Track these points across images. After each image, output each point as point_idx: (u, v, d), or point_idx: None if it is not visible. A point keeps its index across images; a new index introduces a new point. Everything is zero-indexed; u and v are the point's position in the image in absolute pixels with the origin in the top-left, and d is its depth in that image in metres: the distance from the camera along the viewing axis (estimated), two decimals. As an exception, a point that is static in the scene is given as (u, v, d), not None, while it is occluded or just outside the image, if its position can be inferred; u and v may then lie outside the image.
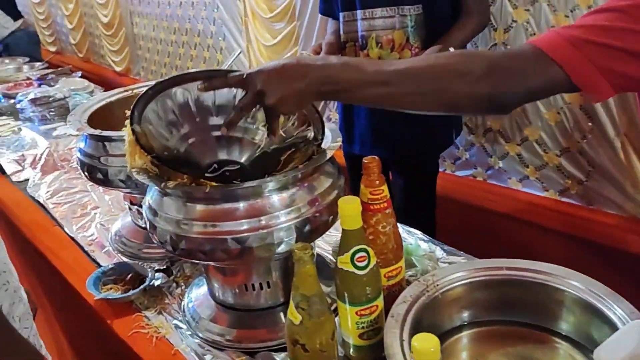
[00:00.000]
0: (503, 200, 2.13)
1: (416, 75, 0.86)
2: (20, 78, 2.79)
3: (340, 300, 0.92)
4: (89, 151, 1.28)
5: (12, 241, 1.78)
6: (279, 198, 0.95)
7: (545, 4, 1.87)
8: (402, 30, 1.65)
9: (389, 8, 1.64)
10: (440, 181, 1.95)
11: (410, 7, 1.64)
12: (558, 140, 1.98)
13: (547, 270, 0.97)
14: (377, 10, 1.66)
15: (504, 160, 2.18)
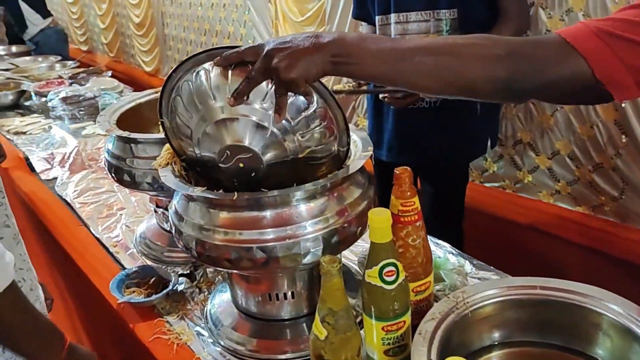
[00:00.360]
0: (533, 213, 2.08)
1: (433, 54, 0.82)
2: (52, 76, 2.83)
3: (366, 315, 0.89)
4: (117, 152, 1.27)
5: (39, 239, 1.80)
6: (307, 208, 0.93)
7: (581, 14, 1.82)
8: (436, 34, 1.63)
9: (424, 12, 1.63)
10: (468, 192, 1.91)
11: (446, 10, 1.61)
12: (591, 155, 1.92)
13: (583, 292, 0.93)
14: (411, 14, 1.64)
15: (534, 174, 2.12)
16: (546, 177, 2.09)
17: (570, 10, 1.85)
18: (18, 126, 2.35)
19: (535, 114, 2.06)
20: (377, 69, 0.82)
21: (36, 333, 0.98)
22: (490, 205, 2.18)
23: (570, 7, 1.85)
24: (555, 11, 1.87)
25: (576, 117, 1.93)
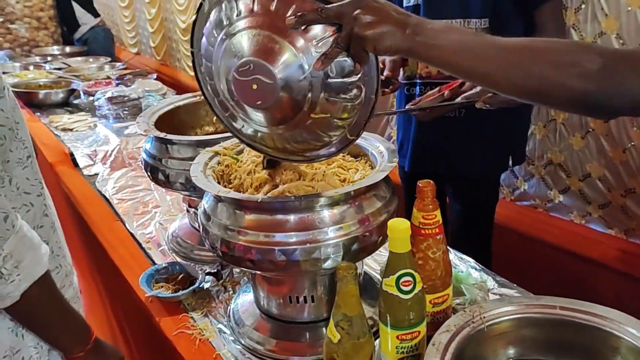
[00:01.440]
0: (563, 234, 2.05)
1: (517, 52, 0.79)
2: (101, 77, 2.95)
3: (382, 323, 0.91)
4: (153, 152, 1.33)
5: (77, 230, 1.88)
6: (330, 214, 0.95)
7: (614, 36, 1.80)
8: None
9: (454, 20, 1.60)
10: (498, 209, 1.89)
11: (477, 20, 1.57)
12: (623, 179, 1.89)
13: (603, 314, 0.92)
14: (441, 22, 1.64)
15: (565, 195, 2.10)
16: (577, 198, 2.06)
17: (603, 33, 1.83)
18: (66, 123, 2.46)
19: (566, 135, 2.04)
20: (455, 58, 0.80)
21: (64, 323, 1.02)
22: (520, 223, 2.16)
23: (603, 30, 1.82)
24: (588, 33, 1.84)
25: (608, 140, 1.90)
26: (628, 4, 1.76)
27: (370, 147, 1.13)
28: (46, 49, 4.02)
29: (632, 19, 1.76)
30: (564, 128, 2.04)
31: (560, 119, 2.05)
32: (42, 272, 0.94)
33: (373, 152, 1.12)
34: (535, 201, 2.22)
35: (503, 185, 2.30)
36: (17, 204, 0.97)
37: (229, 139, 1.20)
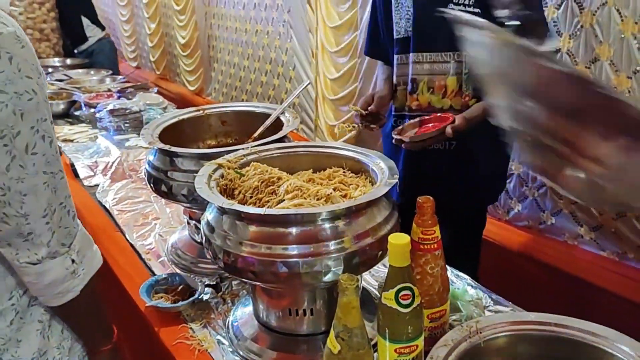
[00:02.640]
0: (556, 254, 2.08)
1: None
2: (102, 89, 2.97)
3: (380, 336, 0.93)
4: (157, 164, 1.35)
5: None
6: (331, 228, 0.97)
7: (607, 62, 1.85)
8: (456, 76, 1.58)
9: (444, 53, 1.58)
10: (492, 227, 1.92)
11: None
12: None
13: (597, 332, 0.94)
14: (432, 54, 1.59)
15: (557, 217, 2.13)
16: (569, 221, 2.09)
17: (597, 59, 1.87)
18: (67, 134, 2.48)
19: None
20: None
21: (100, 318, 1.09)
22: (513, 243, 2.19)
23: (597, 56, 1.87)
24: (581, 58, 1.88)
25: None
26: (622, 31, 1.81)
27: (370, 164, 1.16)
28: (47, 60, 4.05)
29: (626, 45, 1.81)
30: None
31: (554, 142, 2.09)
32: (99, 266, 1.01)
33: (374, 168, 1.14)
34: (528, 222, 2.25)
35: (499, 206, 2.33)
36: None
37: (233, 152, 1.22)
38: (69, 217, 0.94)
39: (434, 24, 1.50)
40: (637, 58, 1.79)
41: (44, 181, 0.87)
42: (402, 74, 1.65)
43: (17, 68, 0.81)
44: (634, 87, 1.82)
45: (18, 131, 0.82)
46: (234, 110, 1.60)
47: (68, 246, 0.94)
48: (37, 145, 0.85)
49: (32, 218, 0.88)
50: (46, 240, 0.90)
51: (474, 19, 0.85)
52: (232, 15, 4.12)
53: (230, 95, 4.38)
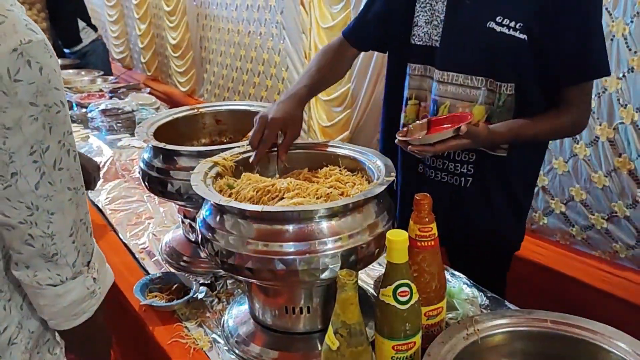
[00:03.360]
0: (548, 254, 2.10)
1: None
2: (93, 90, 2.95)
3: (378, 333, 0.93)
4: (152, 162, 1.34)
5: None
6: (328, 225, 0.97)
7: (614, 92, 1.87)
8: (485, 106, 1.30)
9: (476, 77, 1.30)
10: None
11: (503, 83, 1.27)
12: (605, 204, 1.95)
13: (593, 328, 0.95)
14: (459, 76, 1.31)
15: (549, 217, 2.15)
16: (561, 221, 2.11)
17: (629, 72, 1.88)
18: (57, 134, 2.45)
19: (553, 159, 2.09)
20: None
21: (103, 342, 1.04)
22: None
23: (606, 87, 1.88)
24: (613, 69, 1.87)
25: (592, 164, 1.96)
26: (613, 32, 1.83)
27: (367, 162, 1.16)
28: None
29: (616, 47, 1.83)
30: (548, 152, 2.10)
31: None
32: (111, 283, 0.97)
33: (370, 166, 1.14)
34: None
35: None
36: None
37: (229, 149, 1.22)
38: (87, 234, 0.89)
39: (468, 41, 1.29)
40: (627, 59, 1.80)
41: (69, 197, 0.83)
42: (418, 87, 1.40)
43: (47, 79, 0.77)
44: (624, 88, 1.84)
45: (47, 146, 0.78)
46: (229, 109, 1.59)
47: (87, 264, 0.90)
48: (64, 160, 0.81)
49: (59, 237, 0.83)
50: (72, 260, 0.86)
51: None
52: (225, 16, 4.11)
53: (223, 96, 4.37)
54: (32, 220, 0.80)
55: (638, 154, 1.83)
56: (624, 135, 1.85)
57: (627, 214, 1.90)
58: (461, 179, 1.38)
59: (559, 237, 2.14)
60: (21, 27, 0.75)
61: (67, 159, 0.82)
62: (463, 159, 1.37)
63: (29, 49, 0.74)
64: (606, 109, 1.89)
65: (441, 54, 1.33)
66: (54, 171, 0.80)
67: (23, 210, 0.79)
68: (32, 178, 0.78)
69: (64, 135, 0.81)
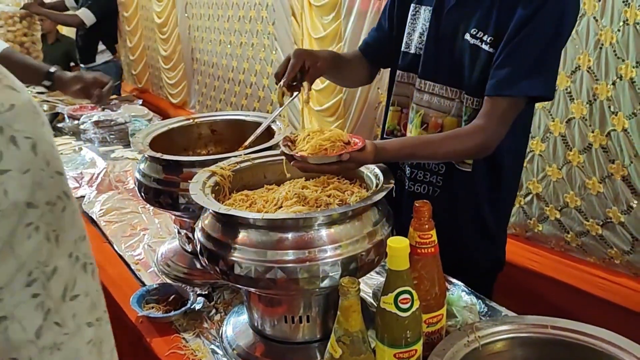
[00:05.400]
0: (544, 261, 2.11)
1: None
2: (85, 101, 2.93)
3: (379, 341, 0.92)
4: (147, 172, 1.33)
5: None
6: (328, 233, 0.97)
7: (587, 72, 1.89)
8: (456, 118, 1.31)
9: (451, 89, 1.31)
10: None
11: (470, 97, 1.28)
12: (600, 210, 1.97)
13: (593, 333, 0.95)
14: (435, 86, 1.33)
15: (544, 224, 2.16)
16: (555, 228, 2.12)
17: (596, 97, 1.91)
18: (49, 146, 2.43)
19: (546, 167, 2.11)
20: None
21: None
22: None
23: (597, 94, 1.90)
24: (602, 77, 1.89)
25: (586, 170, 1.98)
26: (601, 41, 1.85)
27: (365, 170, 1.16)
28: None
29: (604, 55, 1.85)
30: (541, 159, 2.11)
31: (538, 151, 2.12)
32: None
33: (368, 174, 1.14)
34: (516, 230, 2.27)
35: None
36: None
37: (226, 159, 1.22)
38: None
39: (445, 50, 1.30)
40: (616, 67, 1.83)
41: (89, 339, 0.52)
42: (402, 94, 1.42)
43: (45, 161, 0.48)
44: (614, 95, 1.86)
45: (54, 268, 0.49)
46: (224, 119, 1.59)
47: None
48: (78, 283, 0.51)
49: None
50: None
51: None
52: (216, 27, 4.12)
53: (215, 108, 4.36)
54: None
55: (631, 160, 1.85)
56: (617, 142, 1.87)
57: (621, 220, 1.91)
58: (430, 187, 1.40)
59: (554, 243, 2.15)
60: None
61: (84, 278, 0.52)
62: (433, 169, 1.38)
63: (10, 119, 0.46)
64: (598, 116, 1.91)
65: (423, 62, 1.35)
66: (63, 304, 0.50)
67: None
68: (30, 321, 0.49)
69: (75, 244, 0.51)
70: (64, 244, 0.50)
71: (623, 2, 1.78)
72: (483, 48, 1.24)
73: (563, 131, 2.03)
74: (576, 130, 1.98)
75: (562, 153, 2.05)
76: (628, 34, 1.79)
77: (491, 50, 1.23)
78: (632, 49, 1.78)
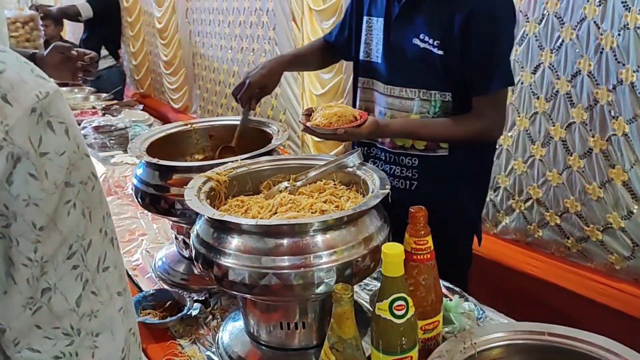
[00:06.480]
0: (545, 266, 2.09)
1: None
2: (86, 107, 2.95)
3: (374, 348, 0.92)
4: (145, 178, 1.33)
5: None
6: (323, 239, 0.96)
7: (588, 76, 1.88)
8: (419, 115, 1.43)
9: (410, 89, 1.44)
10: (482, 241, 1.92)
11: (437, 92, 1.41)
12: (600, 215, 1.96)
13: (590, 340, 0.94)
14: (395, 89, 1.46)
15: (544, 229, 2.15)
16: (556, 233, 2.11)
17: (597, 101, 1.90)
18: (50, 151, 2.44)
19: (547, 171, 2.10)
20: None
21: None
22: (502, 256, 2.20)
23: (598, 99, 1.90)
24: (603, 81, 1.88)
25: (586, 175, 1.97)
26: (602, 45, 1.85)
27: (362, 175, 1.15)
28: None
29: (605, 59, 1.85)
30: (542, 164, 2.11)
31: (539, 156, 2.11)
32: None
33: (365, 179, 1.14)
34: (516, 235, 2.26)
35: (487, 220, 2.35)
36: None
37: (222, 164, 1.22)
38: (137, 349, 0.63)
39: (400, 56, 1.44)
40: (616, 71, 1.82)
41: (120, 307, 0.58)
42: (367, 99, 1.55)
43: (76, 144, 0.53)
44: (614, 100, 1.85)
45: (90, 241, 0.55)
46: (222, 124, 1.59)
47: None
48: (108, 256, 0.57)
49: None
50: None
51: None
52: (217, 32, 4.13)
53: (216, 112, 4.37)
54: (71, 352, 0.55)
55: (631, 165, 1.84)
56: (617, 147, 1.86)
57: (622, 225, 1.90)
58: (406, 182, 1.50)
59: (554, 249, 2.14)
60: (27, 74, 0.51)
61: (112, 252, 0.58)
62: (407, 164, 1.50)
63: (47, 106, 0.51)
64: (598, 120, 1.90)
65: (381, 69, 1.48)
66: (98, 275, 0.56)
67: (60, 340, 0.54)
68: (71, 291, 0.54)
69: (103, 220, 0.57)
70: (96, 219, 0.55)
71: (623, 6, 1.78)
72: (433, 51, 1.39)
73: (563, 136, 2.02)
74: (577, 134, 1.97)
75: (562, 158, 2.04)
76: (628, 39, 1.78)
77: (440, 53, 1.38)
78: (633, 54, 1.78)
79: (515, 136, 2.19)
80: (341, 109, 1.36)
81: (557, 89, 2.00)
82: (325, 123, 1.34)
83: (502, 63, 1.40)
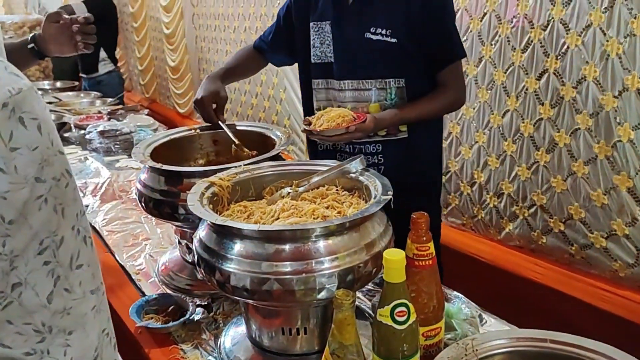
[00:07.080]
0: (548, 272, 2.08)
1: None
2: (92, 111, 2.96)
3: (375, 354, 0.91)
4: (148, 183, 1.34)
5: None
6: (325, 244, 0.97)
7: (594, 83, 1.88)
8: (378, 103, 1.56)
9: (366, 81, 1.55)
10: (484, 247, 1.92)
11: (391, 79, 1.54)
12: (604, 222, 1.95)
13: (593, 348, 0.93)
14: (353, 82, 1.57)
15: (548, 236, 2.14)
16: (560, 240, 2.10)
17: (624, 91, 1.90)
18: (56, 156, 2.44)
19: (551, 178, 2.09)
20: None
21: None
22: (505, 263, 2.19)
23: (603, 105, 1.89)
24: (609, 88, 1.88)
25: (591, 181, 1.96)
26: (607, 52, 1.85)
27: (364, 181, 1.16)
28: (37, 83, 4.04)
29: (611, 66, 1.84)
30: (546, 170, 2.10)
31: (543, 162, 2.11)
32: None
33: (367, 185, 1.14)
34: (520, 242, 2.25)
35: (490, 226, 2.34)
36: None
37: (226, 170, 1.22)
38: (112, 350, 0.64)
39: (354, 52, 1.55)
40: (622, 78, 1.82)
41: (93, 305, 0.59)
42: (324, 99, 1.63)
43: (50, 140, 0.54)
44: (620, 106, 1.85)
45: (61, 237, 0.55)
46: (226, 129, 1.59)
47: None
48: (82, 254, 0.57)
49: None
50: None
51: None
52: (223, 38, 4.15)
53: (220, 117, 4.38)
54: (42, 349, 0.55)
55: (636, 172, 1.83)
56: (622, 153, 1.86)
57: (626, 232, 1.89)
58: (375, 168, 1.59)
59: (558, 256, 2.13)
60: (0, 71, 0.53)
61: (85, 250, 0.58)
62: (372, 150, 1.61)
63: (20, 102, 0.51)
64: (603, 127, 1.89)
65: (336, 67, 1.59)
66: (71, 272, 0.56)
67: (31, 336, 0.54)
68: (42, 287, 0.54)
69: (77, 218, 0.57)
70: (68, 216, 0.55)
71: (629, 13, 1.78)
72: (387, 40, 1.52)
73: (568, 142, 2.01)
74: (581, 141, 1.97)
75: (567, 164, 2.03)
76: (634, 45, 1.78)
77: (394, 40, 1.51)
78: (639, 60, 1.78)
79: (519, 142, 2.19)
80: (340, 111, 1.48)
81: (562, 95, 2.00)
82: (333, 125, 1.43)
83: (454, 38, 1.58)
